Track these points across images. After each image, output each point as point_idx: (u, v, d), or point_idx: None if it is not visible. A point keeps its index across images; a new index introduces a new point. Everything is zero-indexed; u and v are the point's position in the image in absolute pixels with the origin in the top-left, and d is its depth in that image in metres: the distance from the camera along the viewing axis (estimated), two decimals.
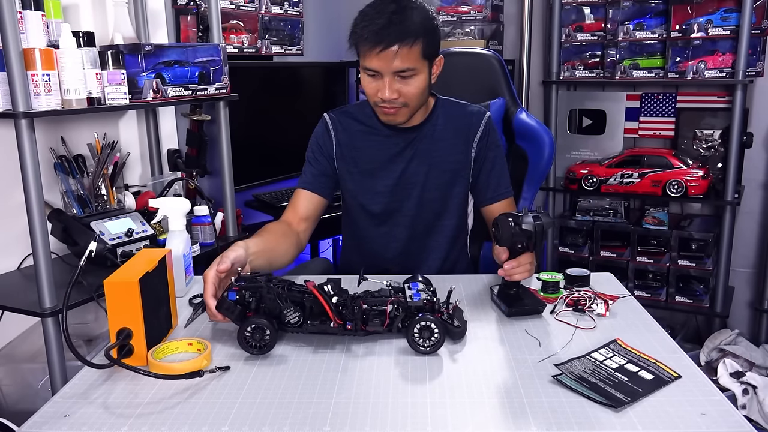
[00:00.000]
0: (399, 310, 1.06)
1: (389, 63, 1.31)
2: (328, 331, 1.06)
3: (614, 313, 1.20)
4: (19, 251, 1.67)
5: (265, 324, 1.02)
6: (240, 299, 1.05)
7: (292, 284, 1.09)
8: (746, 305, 2.72)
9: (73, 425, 0.85)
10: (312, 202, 1.51)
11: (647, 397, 0.89)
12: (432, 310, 1.05)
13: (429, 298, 1.06)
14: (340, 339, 1.09)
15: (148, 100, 1.62)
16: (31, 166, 1.36)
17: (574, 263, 2.72)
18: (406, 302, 1.06)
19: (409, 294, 1.08)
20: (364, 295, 1.09)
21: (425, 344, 1.03)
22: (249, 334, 1.02)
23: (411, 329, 1.03)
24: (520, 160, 1.76)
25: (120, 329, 0.98)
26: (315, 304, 1.06)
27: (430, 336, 1.02)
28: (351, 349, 1.06)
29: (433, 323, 1.02)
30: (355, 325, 1.05)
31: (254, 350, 1.03)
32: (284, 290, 1.07)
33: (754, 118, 2.57)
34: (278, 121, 2.52)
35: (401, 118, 1.41)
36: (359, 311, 1.05)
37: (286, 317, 1.05)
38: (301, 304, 1.06)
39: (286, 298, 1.05)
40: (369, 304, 1.07)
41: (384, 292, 1.10)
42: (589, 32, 2.67)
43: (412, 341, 1.03)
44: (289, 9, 2.56)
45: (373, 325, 1.06)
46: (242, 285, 1.06)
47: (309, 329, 1.06)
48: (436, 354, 1.04)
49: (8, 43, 1.30)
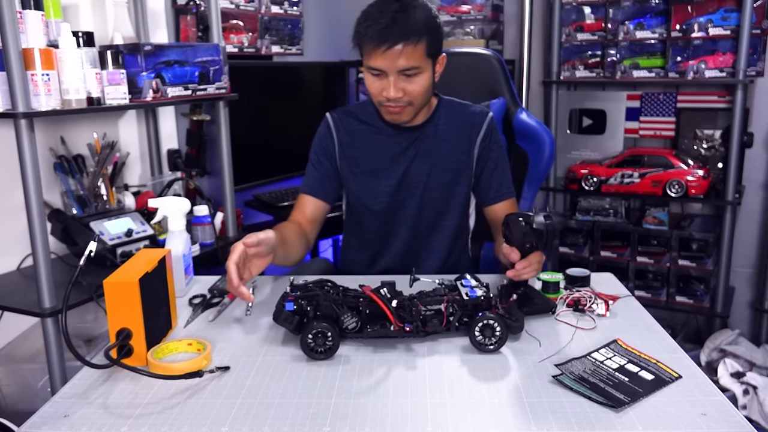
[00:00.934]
0: (455, 308, 1.07)
1: (394, 62, 1.31)
2: (389, 334, 1.05)
3: (614, 313, 1.19)
4: (18, 251, 1.67)
5: (327, 327, 1.01)
6: (297, 309, 1.04)
7: (346, 290, 1.09)
8: (747, 305, 2.72)
9: (73, 425, 0.85)
10: (317, 206, 1.52)
11: (647, 397, 0.89)
12: (489, 306, 1.06)
13: (485, 295, 1.07)
14: (403, 338, 1.08)
15: (147, 100, 1.62)
16: (30, 166, 1.36)
17: (574, 263, 2.72)
18: (462, 300, 1.07)
19: (464, 291, 1.08)
20: (419, 296, 1.09)
21: (488, 342, 1.03)
22: (311, 339, 1.01)
23: (472, 328, 1.03)
24: (521, 160, 1.76)
25: (120, 329, 0.98)
26: (371, 309, 1.05)
27: (492, 334, 1.02)
28: (351, 350, 1.06)
29: (493, 320, 1.02)
30: (415, 326, 1.04)
31: (321, 355, 1.01)
32: (340, 296, 1.06)
33: (754, 118, 2.57)
34: (278, 121, 2.52)
35: (406, 117, 1.41)
36: (417, 312, 1.05)
37: (343, 323, 1.04)
38: (357, 309, 1.05)
39: (342, 304, 1.05)
40: (425, 304, 1.07)
41: (438, 291, 1.11)
42: (590, 32, 2.67)
43: (475, 340, 1.03)
44: (289, 9, 2.56)
45: (432, 326, 1.06)
46: (298, 294, 1.05)
47: (369, 334, 1.05)
48: (436, 354, 1.03)
49: (8, 43, 1.30)
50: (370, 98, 1.46)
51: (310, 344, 1.01)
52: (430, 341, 1.08)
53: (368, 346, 1.06)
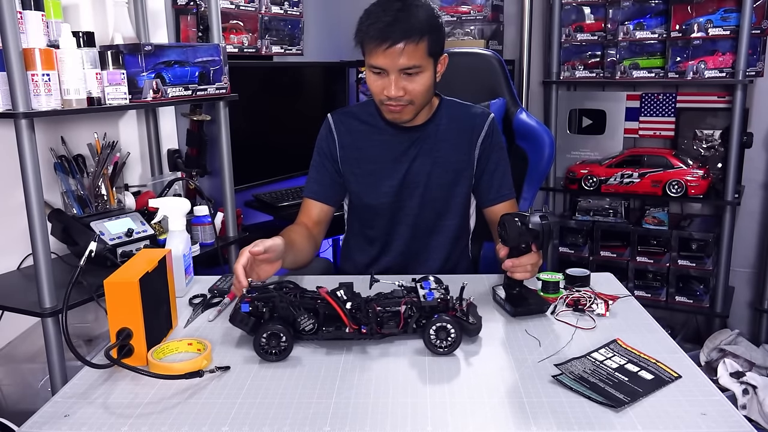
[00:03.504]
0: (413, 310, 1.06)
1: (395, 60, 1.31)
2: (344, 336, 1.05)
3: (614, 313, 1.20)
4: (19, 251, 1.67)
5: (281, 329, 1.01)
6: (253, 310, 1.04)
7: (304, 291, 1.09)
8: (746, 305, 2.73)
9: (73, 425, 0.85)
10: (322, 209, 1.53)
11: (647, 397, 0.89)
12: (446, 309, 1.05)
13: (443, 297, 1.06)
14: (358, 340, 1.08)
15: (148, 100, 1.62)
16: (31, 166, 1.36)
17: (574, 263, 2.72)
18: (420, 302, 1.06)
19: (422, 293, 1.08)
20: (377, 298, 1.08)
21: (442, 345, 1.02)
22: (265, 341, 1.01)
23: (427, 330, 1.02)
24: (520, 160, 1.76)
25: (120, 329, 0.98)
26: (329, 310, 1.05)
27: (447, 336, 1.02)
28: (350, 350, 1.06)
29: (449, 323, 1.02)
30: (371, 328, 1.04)
31: (272, 357, 1.02)
32: (297, 298, 1.06)
33: (754, 118, 2.57)
34: (278, 121, 2.52)
35: (407, 116, 1.42)
36: (373, 314, 1.05)
37: (300, 325, 1.04)
38: (314, 311, 1.05)
39: (299, 306, 1.05)
40: (383, 306, 1.06)
41: (397, 293, 1.10)
42: (589, 32, 2.67)
43: (429, 342, 1.03)
44: (289, 9, 2.56)
45: (388, 328, 1.06)
46: (254, 295, 1.05)
47: (324, 336, 1.06)
48: (435, 355, 1.03)
49: (8, 43, 1.30)
50: (371, 98, 1.47)
51: (263, 346, 1.01)
52: (411, 341, 1.07)
53: (323, 347, 1.06)
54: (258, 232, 1.95)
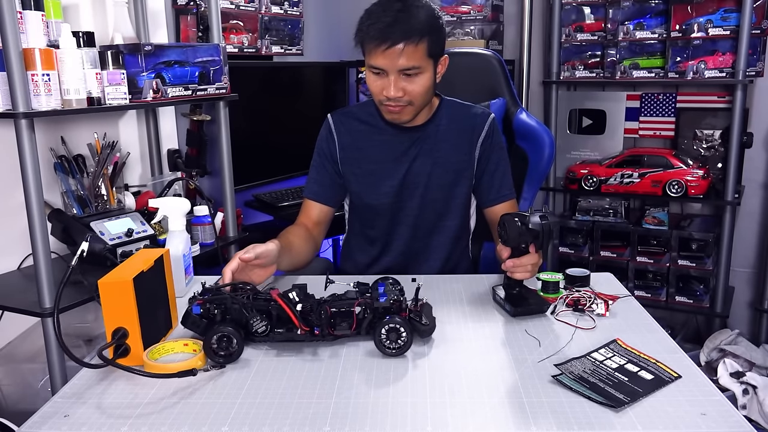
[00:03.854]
0: (366, 311, 1.05)
1: (395, 61, 1.31)
2: (295, 338, 1.05)
3: (614, 313, 1.20)
4: (19, 251, 1.67)
5: (231, 332, 1.00)
6: (204, 312, 1.03)
7: (257, 293, 1.08)
8: (746, 305, 2.72)
9: (73, 425, 0.85)
10: (322, 210, 1.54)
11: (647, 397, 0.89)
12: (399, 310, 1.04)
13: (395, 298, 1.05)
14: (311, 342, 1.08)
15: (148, 100, 1.62)
16: (31, 166, 1.36)
17: (574, 263, 2.72)
18: (373, 303, 1.05)
19: (375, 295, 1.07)
20: (330, 299, 1.07)
21: (392, 346, 1.02)
22: (215, 343, 1.00)
23: (377, 331, 1.02)
24: (520, 160, 1.76)
25: (115, 329, 0.98)
26: (281, 312, 1.04)
27: (397, 338, 1.01)
28: (350, 350, 1.06)
29: (399, 324, 1.01)
30: (323, 330, 1.04)
31: (221, 359, 1.01)
32: (249, 300, 1.05)
33: (754, 118, 2.57)
34: (278, 121, 2.52)
35: (406, 117, 1.42)
36: (326, 316, 1.04)
37: (252, 327, 1.04)
38: (267, 313, 1.05)
39: (251, 308, 1.04)
40: (336, 307, 1.05)
41: (350, 294, 1.09)
42: (589, 32, 2.67)
43: (380, 343, 1.02)
44: (289, 9, 2.56)
45: (340, 329, 1.05)
46: (206, 297, 1.05)
47: (276, 337, 1.05)
48: (436, 355, 1.03)
49: (8, 43, 1.30)
50: (371, 98, 1.47)
51: (213, 348, 1.01)
52: (363, 343, 1.06)
53: (274, 349, 1.06)
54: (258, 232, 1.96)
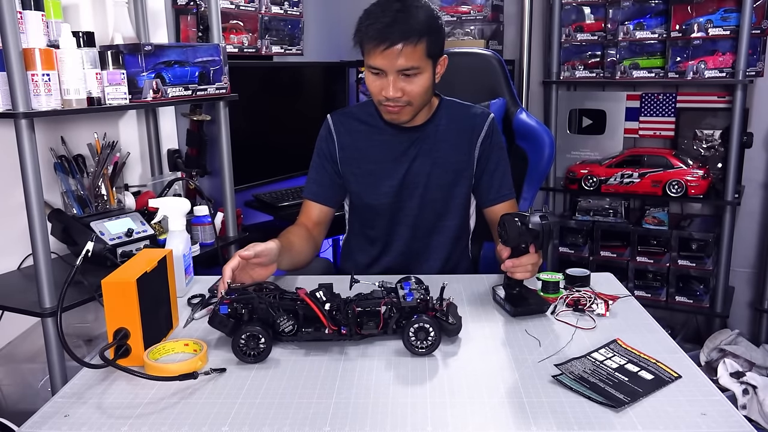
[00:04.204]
0: (393, 311, 1.06)
1: (393, 61, 1.31)
2: (323, 337, 1.05)
3: (614, 313, 1.20)
4: (19, 251, 1.67)
5: (259, 331, 1.01)
6: (232, 312, 1.04)
7: (283, 293, 1.08)
8: (746, 305, 2.72)
9: (73, 425, 0.85)
10: (322, 211, 1.54)
11: (647, 397, 0.89)
12: (425, 309, 1.05)
13: (422, 297, 1.06)
14: (338, 341, 1.08)
15: (148, 100, 1.62)
16: (31, 166, 1.36)
17: (574, 263, 2.72)
18: (400, 302, 1.06)
19: (401, 294, 1.07)
20: (356, 299, 1.08)
21: (421, 345, 1.02)
22: (243, 342, 1.01)
23: (406, 331, 1.02)
24: (520, 160, 1.76)
25: (117, 329, 0.98)
26: (308, 312, 1.05)
27: (426, 337, 1.02)
28: (350, 351, 1.06)
29: (428, 324, 1.01)
30: (350, 329, 1.04)
31: (250, 358, 1.01)
32: (276, 299, 1.06)
33: (754, 118, 2.57)
34: (278, 121, 2.52)
35: (405, 117, 1.42)
36: (353, 315, 1.05)
37: (279, 326, 1.04)
38: (294, 312, 1.05)
39: (278, 307, 1.05)
40: (362, 307, 1.06)
41: (376, 293, 1.10)
42: (589, 32, 2.67)
43: (408, 343, 1.02)
44: (289, 9, 2.56)
45: (367, 328, 1.05)
46: (233, 297, 1.05)
47: (304, 337, 1.06)
48: (436, 354, 1.03)
49: (8, 43, 1.30)
50: (370, 98, 1.47)
51: (241, 347, 1.01)
52: (391, 342, 1.07)
53: (302, 348, 1.06)
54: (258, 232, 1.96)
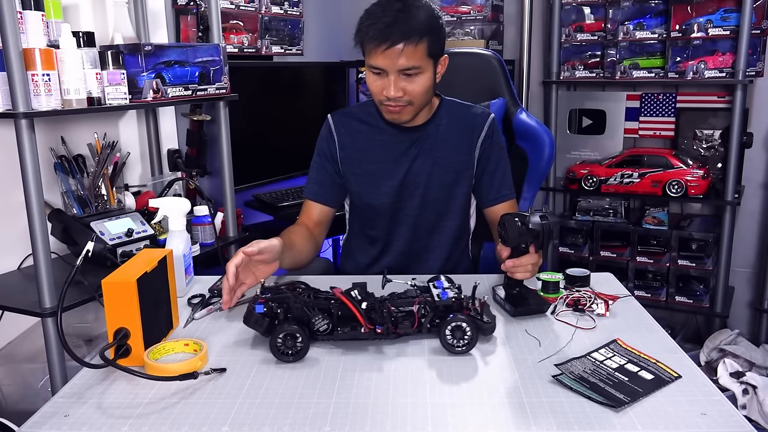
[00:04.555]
0: (426, 309, 1.06)
1: (395, 61, 1.31)
2: (360, 336, 1.05)
3: (614, 313, 1.20)
4: (19, 251, 1.67)
5: (297, 330, 1.01)
6: (267, 311, 1.04)
7: (318, 292, 1.09)
8: (746, 305, 2.73)
9: (73, 425, 0.85)
10: (322, 211, 1.54)
11: (647, 397, 0.89)
12: (460, 308, 1.05)
13: (456, 296, 1.06)
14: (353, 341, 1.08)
15: (148, 100, 1.62)
16: (31, 166, 1.36)
17: (574, 263, 2.72)
18: (434, 301, 1.06)
19: (435, 293, 1.08)
20: (390, 298, 1.09)
21: (459, 344, 1.02)
22: (281, 341, 1.01)
23: (443, 330, 1.02)
24: (520, 160, 1.76)
25: (117, 329, 0.98)
26: (343, 311, 1.05)
27: (462, 336, 1.02)
28: (350, 351, 1.06)
29: (464, 322, 1.02)
30: (386, 328, 1.04)
31: (289, 358, 1.01)
32: (311, 298, 1.06)
33: (754, 118, 2.57)
34: (278, 121, 2.52)
35: (406, 117, 1.42)
36: (388, 314, 1.05)
37: (315, 325, 1.04)
38: (328, 312, 1.05)
39: (313, 306, 1.05)
40: (396, 306, 1.07)
41: (410, 292, 1.11)
42: (589, 32, 2.67)
43: (445, 342, 1.03)
44: (289, 9, 2.56)
45: (403, 327, 1.06)
46: (268, 296, 1.05)
47: (340, 336, 1.05)
48: (436, 354, 1.04)
49: (8, 43, 1.30)
50: (371, 98, 1.47)
51: (279, 347, 1.01)
52: (430, 341, 1.07)
53: (339, 348, 1.06)
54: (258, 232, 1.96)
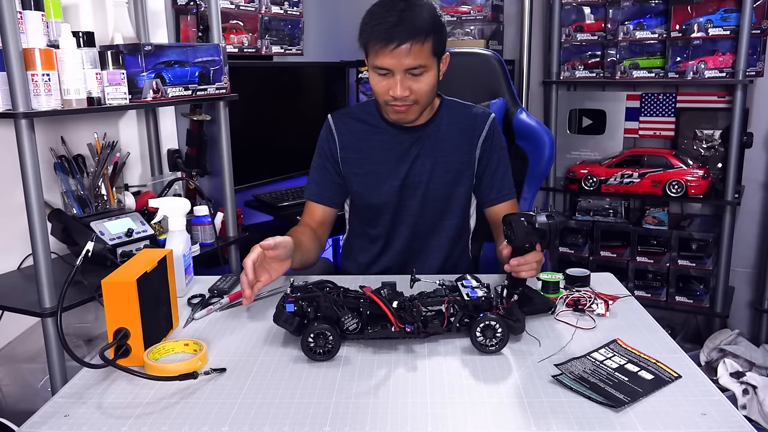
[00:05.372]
0: (456, 309, 1.07)
1: (401, 60, 1.31)
2: (390, 335, 1.05)
3: (614, 313, 1.20)
4: (19, 251, 1.67)
5: (328, 329, 1.01)
6: (298, 310, 1.04)
7: (347, 291, 1.09)
8: (746, 305, 2.73)
9: (73, 425, 0.85)
10: (324, 211, 1.55)
11: (647, 397, 0.89)
12: (489, 307, 1.06)
13: (486, 295, 1.07)
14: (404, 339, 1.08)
15: (148, 100, 1.62)
16: (31, 166, 1.36)
17: (574, 263, 2.72)
18: (464, 301, 1.07)
19: (464, 292, 1.09)
20: (419, 297, 1.09)
21: (490, 343, 1.03)
22: (312, 340, 1.01)
23: (473, 329, 1.03)
24: (520, 160, 1.76)
25: (117, 329, 0.98)
26: (372, 309, 1.05)
27: (493, 334, 1.02)
28: (351, 351, 1.06)
29: (494, 321, 1.02)
30: (416, 327, 1.04)
31: (320, 356, 1.02)
32: (340, 297, 1.06)
33: (754, 118, 2.57)
34: (278, 121, 2.52)
35: (412, 116, 1.42)
36: (418, 313, 1.05)
37: (344, 324, 1.04)
38: (357, 311, 1.05)
39: (343, 305, 1.05)
40: (426, 305, 1.07)
41: (439, 292, 1.11)
42: (589, 32, 2.67)
43: (476, 342, 1.03)
44: (289, 9, 2.56)
45: (432, 327, 1.06)
46: (298, 295, 1.06)
47: (370, 335, 1.06)
48: (436, 354, 1.03)
49: (8, 43, 1.30)
50: (371, 98, 1.47)
51: (310, 345, 1.01)
52: (430, 342, 1.08)
53: (369, 347, 1.06)
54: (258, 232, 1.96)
